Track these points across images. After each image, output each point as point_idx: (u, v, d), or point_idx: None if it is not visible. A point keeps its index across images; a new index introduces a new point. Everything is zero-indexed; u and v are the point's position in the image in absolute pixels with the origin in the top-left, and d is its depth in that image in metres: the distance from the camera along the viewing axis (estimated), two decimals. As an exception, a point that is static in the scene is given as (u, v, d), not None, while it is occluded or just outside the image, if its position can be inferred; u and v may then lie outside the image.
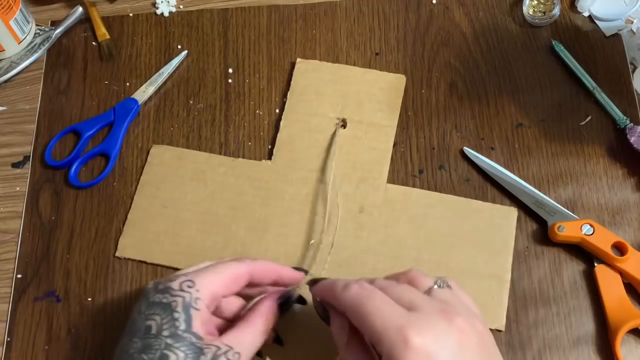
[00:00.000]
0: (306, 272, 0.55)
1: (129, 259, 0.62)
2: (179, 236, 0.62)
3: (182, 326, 0.45)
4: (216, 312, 0.50)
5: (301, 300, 0.54)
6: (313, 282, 0.51)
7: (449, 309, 0.43)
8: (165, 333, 0.45)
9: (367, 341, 0.45)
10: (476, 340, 0.43)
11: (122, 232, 0.63)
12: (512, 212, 0.61)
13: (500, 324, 0.57)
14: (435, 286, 0.46)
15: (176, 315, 0.46)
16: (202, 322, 0.47)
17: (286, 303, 0.52)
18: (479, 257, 0.59)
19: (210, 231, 0.62)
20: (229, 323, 0.50)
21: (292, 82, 0.68)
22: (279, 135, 0.66)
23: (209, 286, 0.48)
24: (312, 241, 0.61)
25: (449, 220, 0.61)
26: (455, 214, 0.61)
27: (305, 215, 0.62)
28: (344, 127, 0.65)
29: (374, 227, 0.61)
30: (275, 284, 0.53)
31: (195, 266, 0.51)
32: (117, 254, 0.62)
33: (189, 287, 0.47)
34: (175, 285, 0.47)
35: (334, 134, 0.65)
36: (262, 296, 0.52)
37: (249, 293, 0.53)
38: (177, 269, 0.61)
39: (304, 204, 0.63)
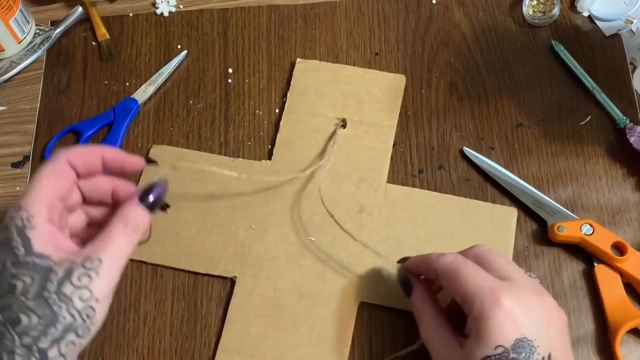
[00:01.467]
0: (152, 161, 0.52)
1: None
2: (179, 236, 0.62)
3: (22, 251, 0.43)
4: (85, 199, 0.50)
5: (164, 206, 0.51)
6: (403, 260, 0.55)
7: (541, 289, 0.48)
8: (8, 264, 0.43)
9: (458, 302, 0.48)
10: (561, 322, 0.47)
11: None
12: (512, 212, 0.61)
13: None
14: (528, 274, 0.51)
15: (14, 243, 0.44)
16: (47, 240, 0.44)
17: (154, 201, 0.49)
18: (479, 257, 0.59)
19: (210, 231, 0.62)
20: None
21: (292, 82, 0.68)
22: (278, 135, 0.66)
23: (36, 199, 0.45)
24: (314, 238, 0.61)
25: (449, 220, 0.61)
26: (455, 214, 0.61)
27: (305, 215, 0.62)
28: (344, 127, 0.65)
29: (374, 227, 0.61)
30: (118, 170, 0.50)
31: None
32: (116, 254, 0.62)
33: (16, 211, 0.45)
34: (7, 220, 0.45)
35: (333, 133, 0.65)
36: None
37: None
38: (177, 269, 0.61)
39: (304, 203, 0.62)
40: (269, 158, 0.65)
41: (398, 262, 0.56)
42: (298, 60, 0.69)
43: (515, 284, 0.47)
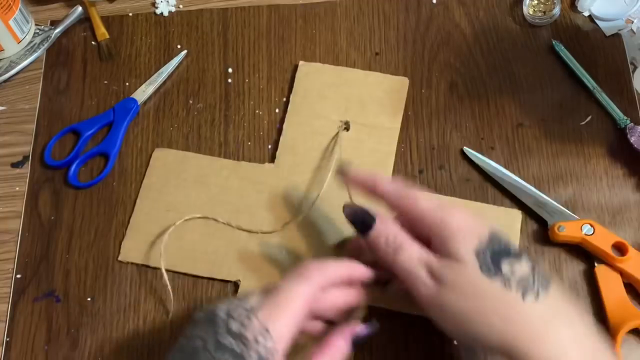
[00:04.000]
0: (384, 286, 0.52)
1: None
2: (182, 240, 0.61)
3: None
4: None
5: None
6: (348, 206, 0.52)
7: None
8: None
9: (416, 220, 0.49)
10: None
11: (124, 235, 0.62)
12: (517, 215, 0.61)
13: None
14: None
15: None
16: None
17: (360, 341, 0.49)
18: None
19: (213, 235, 0.61)
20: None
21: (294, 85, 0.68)
22: (282, 138, 0.66)
23: (285, 333, 0.45)
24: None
25: (454, 222, 0.61)
26: (459, 216, 0.61)
27: (309, 217, 0.61)
28: (347, 130, 0.65)
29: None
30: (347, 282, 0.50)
31: (262, 290, 0.47)
32: (120, 258, 0.62)
33: (264, 338, 0.44)
34: (250, 334, 0.44)
35: (336, 136, 0.65)
36: (333, 331, 0.48)
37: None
38: (180, 273, 0.61)
39: (308, 206, 0.62)
40: (270, 158, 0.65)
41: (345, 207, 0.52)
42: (301, 63, 0.69)
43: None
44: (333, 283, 0.49)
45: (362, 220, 0.50)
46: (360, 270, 0.50)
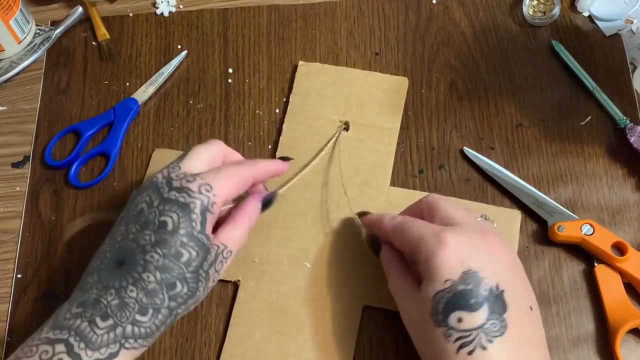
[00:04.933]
0: (289, 158, 0.61)
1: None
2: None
3: (198, 228, 0.49)
4: None
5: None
6: (362, 214, 0.59)
7: (486, 229, 0.50)
8: (182, 232, 0.48)
9: (407, 258, 0.52)
10: (507, 257, 0.49)
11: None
12: (516, 215, 0.61)
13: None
14: (480, 218, 0.53)
15: (194, 216, 0.49)
16: (211, 225, 0.51)
17: (267, 204, 0.57)
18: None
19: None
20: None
21: (294, 85, 0.68)
22: (281, 138, 0.66)
23: (224, 191, 0.51)
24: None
25: (452, 223, 0.61)
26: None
27: (308, 218, 0.62)
28: (347, 130, 0.65)
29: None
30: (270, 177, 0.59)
31: (193, 156, 0.53)
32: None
33: (207, 191, 0.50)
34: (194, 187, 0.50)
35: (336, 136, 0.65)
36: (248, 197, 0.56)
37: None
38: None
39: (306, 207, 0.62)
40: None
41: (358, 214, 0.59)
42: (300, 63, 0.69)
43: (458, 227, 0.50)
44: (263, 177, 0.57)
45: (372, 247, 0.57)
46: (280, 167, 0.59)
